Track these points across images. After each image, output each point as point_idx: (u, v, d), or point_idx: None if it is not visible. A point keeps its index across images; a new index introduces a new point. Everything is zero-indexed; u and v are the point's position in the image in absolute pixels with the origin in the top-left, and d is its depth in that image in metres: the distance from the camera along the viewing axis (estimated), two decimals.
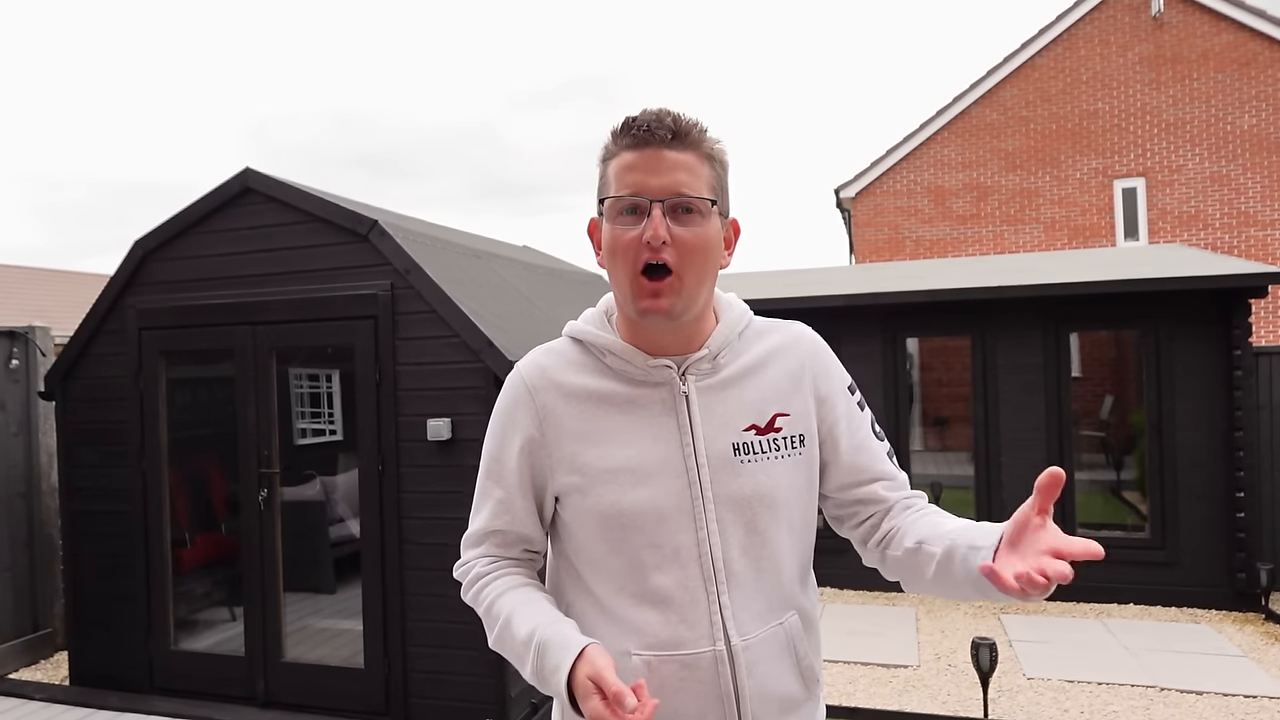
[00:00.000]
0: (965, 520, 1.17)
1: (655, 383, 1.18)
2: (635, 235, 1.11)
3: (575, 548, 1.22)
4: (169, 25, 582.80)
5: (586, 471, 1.16)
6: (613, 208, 1.14)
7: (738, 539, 1.16)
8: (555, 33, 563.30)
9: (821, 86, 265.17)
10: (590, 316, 1.27)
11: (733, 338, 1.23)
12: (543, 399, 1.20)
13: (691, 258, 1.11)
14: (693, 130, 1.12)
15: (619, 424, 1.17)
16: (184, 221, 4.19)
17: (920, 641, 4.96)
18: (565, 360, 1.23)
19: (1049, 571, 0.92)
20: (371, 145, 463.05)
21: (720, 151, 1.17)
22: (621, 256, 1.12)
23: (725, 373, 1.20)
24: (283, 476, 4.15)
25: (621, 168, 1.13)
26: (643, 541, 1.15)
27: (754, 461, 1.17)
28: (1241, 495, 5.33)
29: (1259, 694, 4.04)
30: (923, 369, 6.76)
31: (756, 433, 1.18)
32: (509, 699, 3.66)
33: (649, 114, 1.13)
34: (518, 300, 4.62)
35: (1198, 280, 5.33)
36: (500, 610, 1.18)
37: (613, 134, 1.16)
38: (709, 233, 1.13)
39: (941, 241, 12.87)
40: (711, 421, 1.17)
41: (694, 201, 1.11)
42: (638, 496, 1.14)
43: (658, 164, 1.11)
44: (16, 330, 5.08)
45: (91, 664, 4.37)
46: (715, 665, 1.14)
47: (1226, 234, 11.67)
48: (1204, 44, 11.75)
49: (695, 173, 1.12)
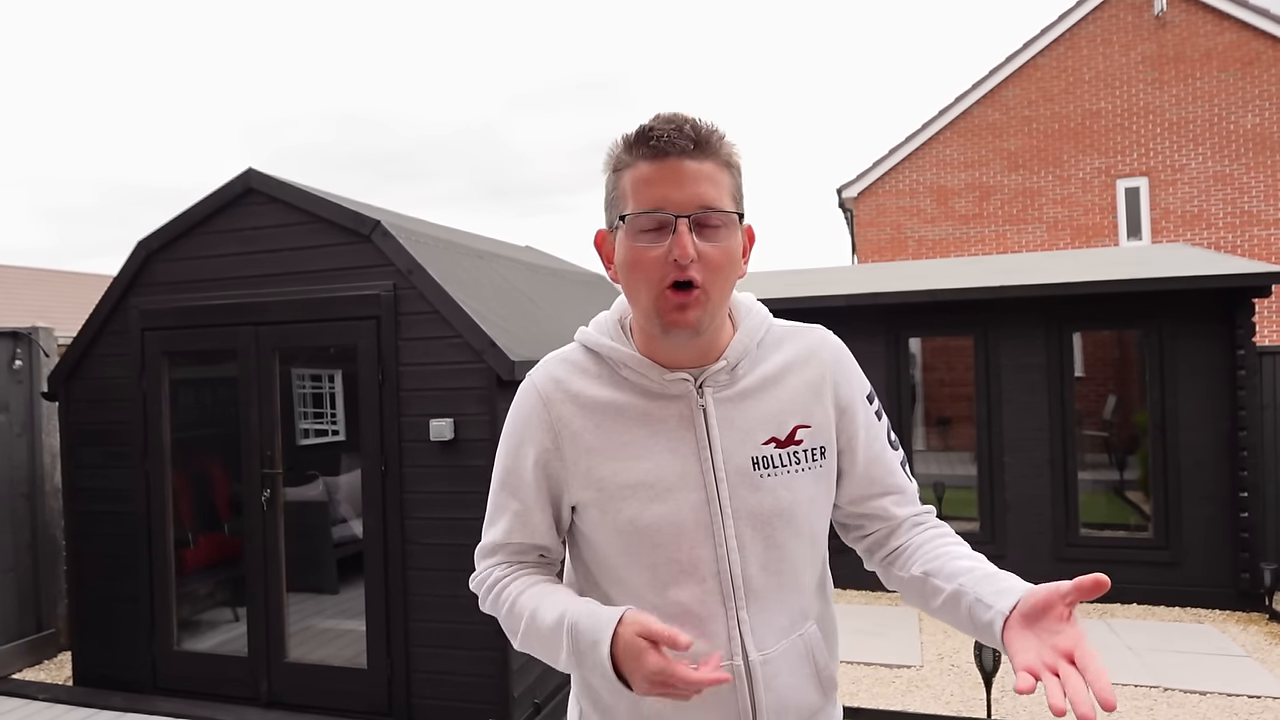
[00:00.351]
0: (974, 558, 1.15)
1: (672, 395, 1.15)
2: (660, 253, 1.06)
3: (594, 558, 1.20)
4: (174, 29, 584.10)
5: (603, 487, 1.14)
6: (634, 224, 1.08)
7: (757, 554, 1.14)
8: (558, 34, 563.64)
9: (824, 86, 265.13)
10: (604, 324, 1.23)
11: (751, 347, 1.19)
12: (557, 410, 1.17)
13: (718, 273, 1.08)
14: (712, 137, 1.08)
15: (636, 437, 1.14)
16: (187, 222, 4.19)
17: (923, 641, 4.95)
18: (580, 370, 1.20)
19: (1069, 690, 0.87)
20: (375, 146, 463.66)
21: (738, 157, 1.13)
22: (645, 275, 1.08)
23: (743, 384, 1.17)
24: (285, 477, 4.15)
25: (640, 181, 1.07)
26: (661, 557, 1.13)
27: (773, 475, 1.14)
28: (1245, 495, 5.32)
29: (1263, 694, 4.03)
30: (925, 369, 6.75)
31: (776, 445, 1.15)
32: (512, 699, 3.66)
33: (666, 122, 1.07)
34: (520, 300, 4.62)
35: (1201, 280, 5.32)
36: (523, 607, 1.16)
37: (626, 143, 1.10)
38: (733, 247, 1.09)
39: (944, 241, 12.86)
40: (730, 435, 1.14)
41: (719, 216, 1.07)
42: (656, 512, 1.12)
43: (680, 177, 1.06)
44: (20, 331, 5.09)
45: (94, 664, 4.38)
46: (733, 680, 1.12)
47: (1230, 233, 11.65)
48: (1207, 43, 11.74)
49: (718, 183, 1.07)
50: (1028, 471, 5.79)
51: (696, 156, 1.06)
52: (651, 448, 1.14)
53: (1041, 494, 5.76)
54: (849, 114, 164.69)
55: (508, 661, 3.64)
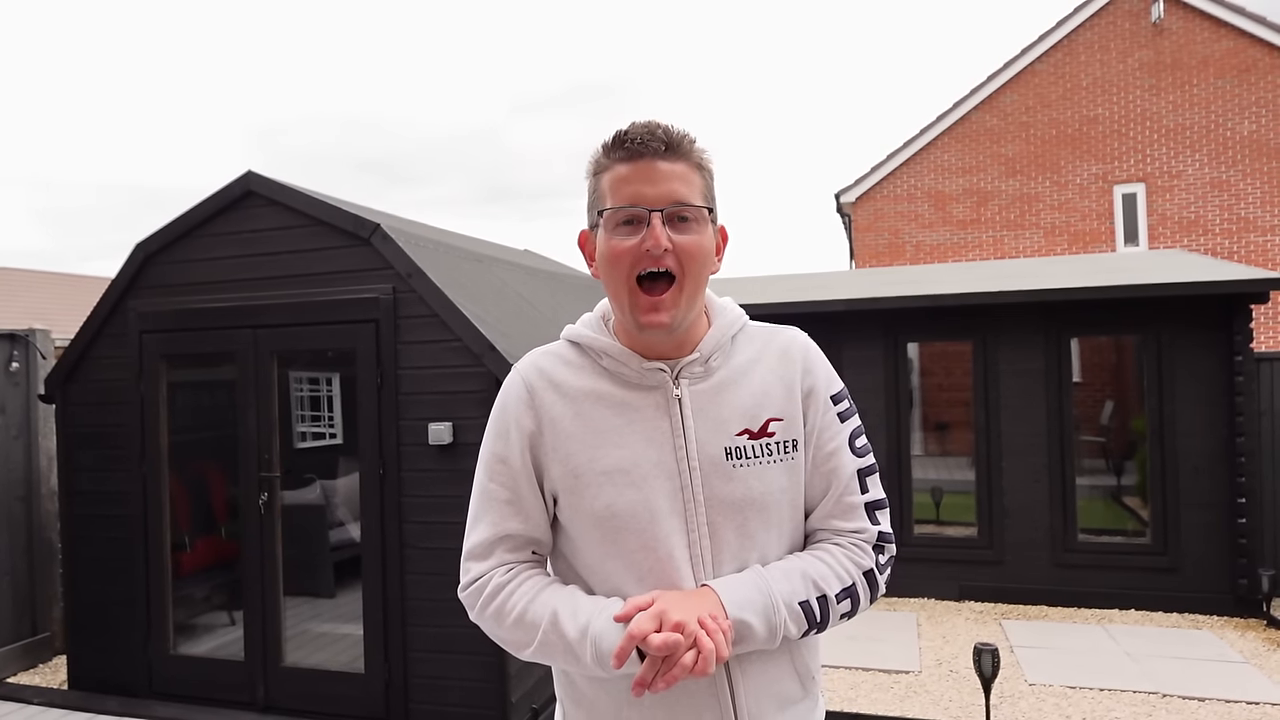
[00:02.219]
0: (784, 563, 1.19)
1: (649, 385, 1.20)
2: (634, 244, 1.14)
3: (572, 550, 1.22)
4: (178, 32, 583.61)
5: (580, 473, 1.17)
6: (611, 219, 1.16)
7: (729, 543, 1.17)
8: (563, 40, 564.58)
9: (822, 92, 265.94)
10: (588, 320, 1.29)
11: (724, 341, 1.24)
12: (541, 398, 1.21)
13: (691, 263, 1.15)
14: (684, 141, 1.16)
15: (613, 425, 1.19)
16: (185, 225, 4.19)
17: (922, 647, 4.95)
18: (562, 361, 1.25)
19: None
20: (378, 151, 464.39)
21: (709, 161, 1.21)
22: (618, 265, 1.15)
23: (717, 376, 1.22)
24: (283, 480, 4.14)
25: (616, 180, 1.16)
26: (635, 544, 1.16)
27: (746, 466, 1.18)
28: (1243, 501, 5.32)
29: (1261, 700, 4.03)
30: (923, 374, 6.75)
31: (749, 437, 1.19)
32: (510, 705, 3.65)
33: (639, 127, 1.15)
34: (519, 304, 4.62)
35: (1199, 286, 5.33)
36: (538, 616, 1.15)
37: (604, 148, 1.18)
38: (705, 240, 1.17)
39: (942, 246, 12.88)
40: (704, 425, 1.19)
41: (691, 209, 1.15)
42: (630, 498, 1.15)
43: (653, 175, 1.14)
44: (17, 333, 5.07)
45: (90, 668, 4.36)
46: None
47: (1226, 239, 11.68)
48: (1204, 50, 11.78)
49: (689, 182, 1.16)
50: (1026, 477, 5.79)
51: (669, 157, 1.15)
52: (628, 436, 1.18)
53: (1039, 499, 5.76)
54: (848, 119, 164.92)
55: (505, 667, 3.63)
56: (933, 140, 12.93)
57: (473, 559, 1.24)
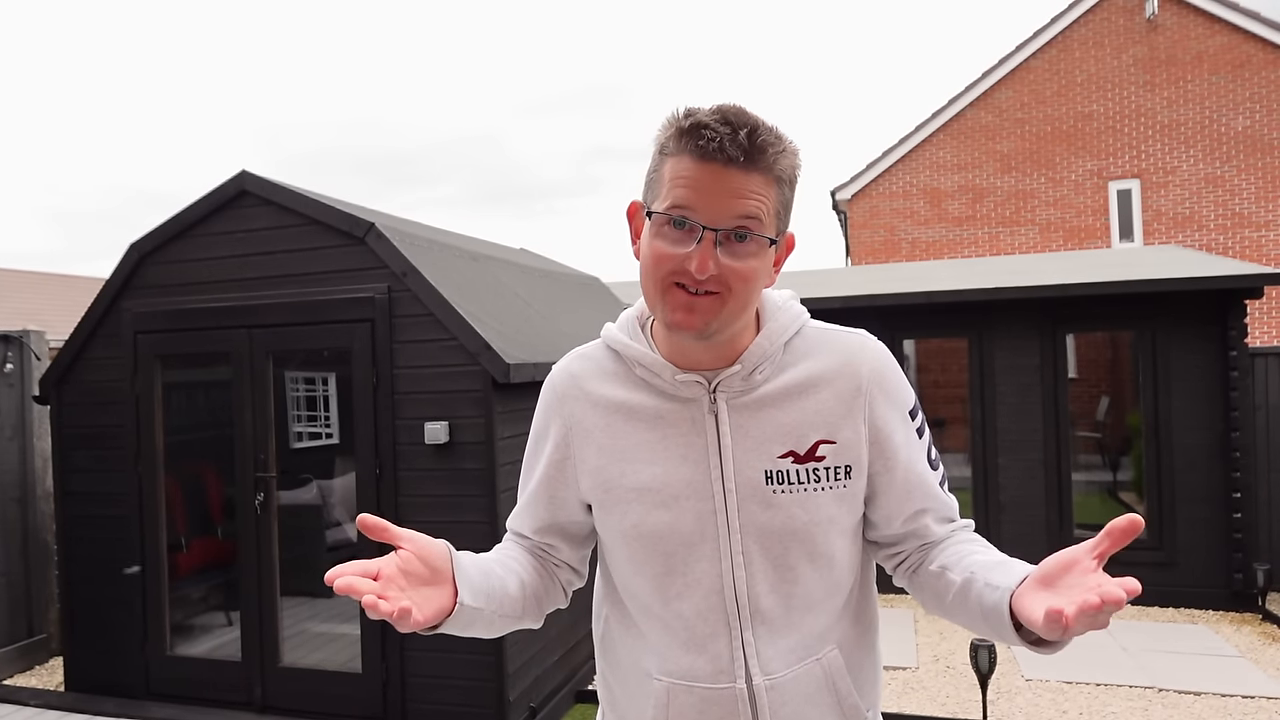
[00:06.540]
0: (997, 555, 1.07)
1: (685, 398, 1.10)
2: (678, 254, 1.00)
3: (611, 564, 1.19)
4: (180, 34, 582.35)
5: (611, 488, 1.11)
6: (660, 217, 1.02)
7: (765, 574, 1.07)
8: (566, 43, 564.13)
9: (817, 89, 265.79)
10: (625, 321, 1.19)
11: (773, 351, 1.10)
12: (570, 407, 1.16)
13: (739, 283, 1.01)
14: (768, 150, 0.98)
15: (646, 440, 1.10)
16: (180, 224, 4.17)
17: (919, 643, 4.96)
18: (598, 367, 1.17)
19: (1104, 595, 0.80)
20: (379, 151, 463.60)
21: (793, 170, 1.04)
22: (656, 267, 1.02)
23: (762, 391, 1.09)
24: (279, 480, 4.13)
25: (678, 175, 1.00)
26: (663, 567, 1.09)
27: (788, 492, 1.06)
28: (1238, 496, 5.34)
29: (1256, 694, 4.04)
30: (920, 370, 6.76)
31: (794, 460, 1.07)
32: (508, 703, 3.65)
33: (722, 121, 0.97)
34: (515, 303, 4.61)
35: (1194, 281, 5.34)
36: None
37: (678, 129, 1.01)
38: (760, 263, 1.02)
39: (937, 243, 12.89)
40: (743, 445, 1.07)
41: (750, 235, 1.01)
42: (660, 520, 1.08)
43: (718, 186, 0.98)
44: (11, 334, 5.06)
45: (87, 670, 4.35)
46: (735, 704, 1.07)
47: (1221, 235, 11.71)
48: (1198, 46, 11.80)
49: (760, 200, 0.99)
50: (1022, 473, 5.80)
51: (744, 167, 0.98)
52: (661, 452, 1.09)
53: (1035, 495, 5.77)
54: (843, 116, 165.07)
55: (503, 665, 3.63)
56: (928, 137, 12.93)
57: None
